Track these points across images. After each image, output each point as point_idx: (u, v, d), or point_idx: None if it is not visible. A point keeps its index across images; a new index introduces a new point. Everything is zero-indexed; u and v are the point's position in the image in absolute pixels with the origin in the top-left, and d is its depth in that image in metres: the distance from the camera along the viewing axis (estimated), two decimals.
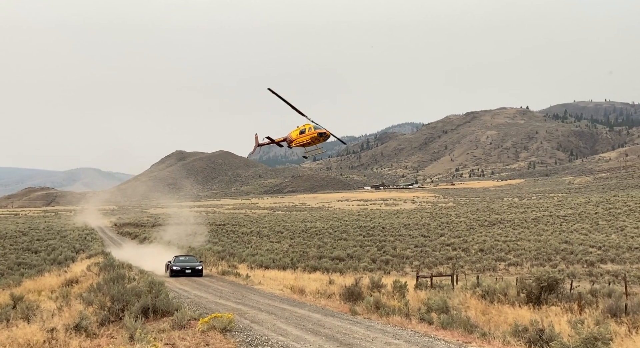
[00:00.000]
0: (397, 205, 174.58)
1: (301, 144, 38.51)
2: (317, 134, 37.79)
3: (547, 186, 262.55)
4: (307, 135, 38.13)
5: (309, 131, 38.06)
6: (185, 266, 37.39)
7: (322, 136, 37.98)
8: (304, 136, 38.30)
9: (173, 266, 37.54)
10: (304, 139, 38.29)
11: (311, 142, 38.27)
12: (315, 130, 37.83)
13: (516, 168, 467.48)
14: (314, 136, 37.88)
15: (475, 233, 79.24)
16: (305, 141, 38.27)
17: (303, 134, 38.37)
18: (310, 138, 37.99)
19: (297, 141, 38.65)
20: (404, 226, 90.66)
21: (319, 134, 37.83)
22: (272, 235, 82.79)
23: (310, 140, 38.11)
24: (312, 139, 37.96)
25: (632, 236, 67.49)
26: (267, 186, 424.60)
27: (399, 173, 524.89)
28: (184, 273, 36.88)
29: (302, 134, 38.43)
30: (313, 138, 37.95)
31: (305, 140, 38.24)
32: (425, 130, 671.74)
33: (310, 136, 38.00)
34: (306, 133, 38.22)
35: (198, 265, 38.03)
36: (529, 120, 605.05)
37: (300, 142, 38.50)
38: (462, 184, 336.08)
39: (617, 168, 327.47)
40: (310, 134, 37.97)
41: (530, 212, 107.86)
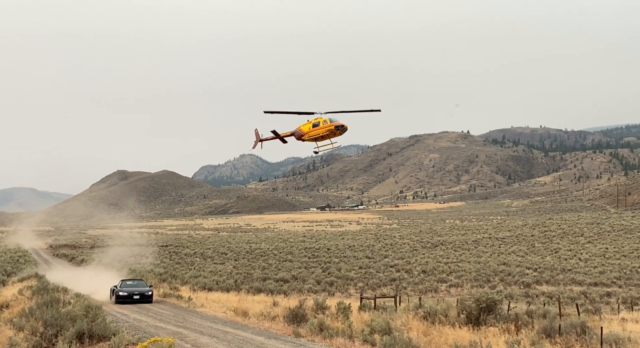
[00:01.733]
0: (343, 226, 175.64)
1: (314, 137, 36.18)
2: (334, 126, 35.64)
3: (486, 209, 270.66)
4: (322, 128, 35.85)
5: (323, 124, 35.85)
6: (133, 292, 34.43)
7: (339, 129, 35.80)
8: (318, 129, 36.01)
9: (119, 292, 34.54)
10: (319, 132, 35.96)
11: (326, 135, 35.97)
12: (331, 123, 35.67)
13: (458, 191, 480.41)
14: (331, 128, 35.72)
15: (418, 254, 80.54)
16: (319, 135, 35.96)
17: (317, 127, 36.06)
18: (327, 131, 35.74)
19: (309, 135, 36.16)
20: (349, 247, 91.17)
21: (336, 127, 35.67)
22: (216, 257, 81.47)
23: (327, 133, 35.82)
24: (329, 132, 35.74)
25: (566, 258, 70.30)
26: (211, 206, 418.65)
27: (345, 195, 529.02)
28: (131, 299, 33.88)
29: (315, 127, 36.13)
30: (329, 130, 35.73)
31: (320, 133, 35.92)
32: (370, 152, 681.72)
33: (326, 129, 35.74)
34: (321, 126, 35.93)
35: (148, 290, 35.12)
36: (470, 144, 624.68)
37: (313, 135, 36.09)
38: (405, 206, 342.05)
39: (552, 192, 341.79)
40: (326, 127, 35.76)
41: (471, 234, 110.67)
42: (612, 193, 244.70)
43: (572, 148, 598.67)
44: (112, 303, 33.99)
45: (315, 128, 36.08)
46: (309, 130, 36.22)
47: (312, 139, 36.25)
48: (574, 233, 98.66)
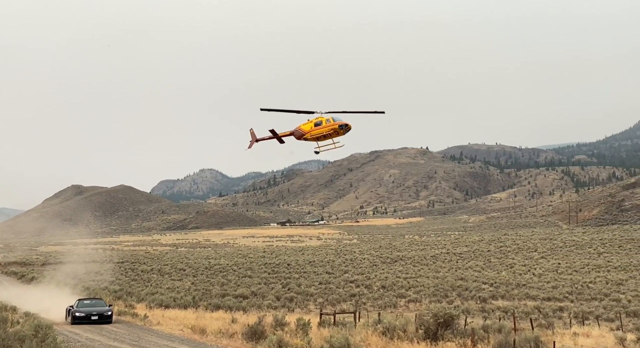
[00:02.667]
0: (303, 242, 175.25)
1: (316, 137, 35.19)
2: (337, 126, 34.73)
3: (445, 224, 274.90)
4: (325, 127, 34.89)
5: (326, 123, 34.89)
6: (91, 312, 32.44)
7: (342, 129, 34.88)
8: (321, 128, 35.02)
9: (76, 312, 32.52)
10: (322, 132, 34.98)
11: (329, 135, 35.08)
12: (335, 122, 34.77)
13: (417, 206, 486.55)
14: (334, 128, 34.76)
15: (378, 269, 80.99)
16: (322, 134, 34.99)
17: (319, 126, 35.07)
18: (330, 130, 34.79)
19: (312, 134, 35.13)
20: (309, 263, 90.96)
21: (340, 126, 34.76)
22: (173, 273, 79.97)
23: (330, 132, 34.89)
24: (332, 131, 34.78)
25: (520, 273, 71.91)
26: (170, 222, 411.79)
27: (305, 210, 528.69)
28: (89, 320, 31.96)
29: (317, 126, 35.15)
30: (333, 130, 34.77)
31: (323, 132, 34.96)
32: (331, 167, 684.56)
33: (329, 128, 34.78)
34: (323, 125, 34.97)
35: (107, 310, 33.19)
36: (429, 160, 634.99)
37: (315, 134, 35.10)
38: (366, 222, 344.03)
39: (507, 208, 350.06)
40: (330, 126, 34.78)
41: (430, 249, 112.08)
42: (564, 209, 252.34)
43: (527, 165, 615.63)
44: (68, 324, 32.27)
45: (317, 127, 35.29)
46: (311, 129, 35.41)
47: (314, 138, 35.43)
48: (528, 249, 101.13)
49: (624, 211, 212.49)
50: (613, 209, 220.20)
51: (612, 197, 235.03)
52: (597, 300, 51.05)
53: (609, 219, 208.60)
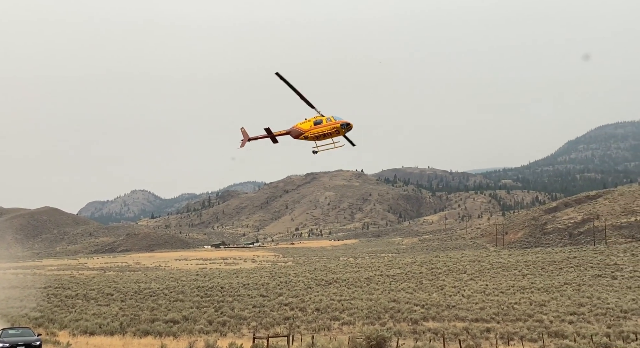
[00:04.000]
0: (237, 264, 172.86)
1: (316, 135, 34.17)
2: (339, 125, 33.80)
3: (379, 246, 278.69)
4: (326, 126, 33.87)
5: (327, 122, 33.92)
6: (17, 342, 30.64)
7: (344, 128, 33.92)
8: (322, 127, 33.98)
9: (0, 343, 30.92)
10: (323, 130, 33.99)
11: (330, 134, 34.14)
12: (337, 121, 33.89)
13: (352, 228, 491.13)
14: (336, 127, 33.77)
15: (313, 292, 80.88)
16: (323, 132, 34.00)
17: (320, 125, 34.05)
18: (332, 129, 33.81)
19: (312, 133, 34.09)
20: (243, 285, 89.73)
21: (342, 125, 33.83)
22: (100, 298, 76.75)
23: (331, 131, 33.94)
24: (333, 130, 33.82)
25: (450, 294, 73.72)
26: (98, 244, 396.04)
27: (240, 232, 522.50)
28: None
29: (318, 125, 34.12)
30: (334, 129, 33.77)
31: (324, 131, 33.97)
32: (267, 189, 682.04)
33: (331, 127, 33.76)
34: (324, 124, 33.95)
35: (35, 340, 31.31)
36: (364, 183, 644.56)
37: (315, 133, 34.06)
38: (301, 244, 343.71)
39: (439, 230, 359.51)
40: (332, 125, 33.78)
41: (364, 271, 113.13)
42: (492, 232, 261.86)
43: (457, 189, 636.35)
44: None
45: (317, 126, 34.46)
46: (310, 128, 34.58)
47: (314, 137, 34.56)
48: (458, 270, 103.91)
49: (546, 234, 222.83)
50: (536, 232, 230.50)
51: (536, 220, 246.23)
52: (522, 321, 53.01)
53: (533, 241, 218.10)
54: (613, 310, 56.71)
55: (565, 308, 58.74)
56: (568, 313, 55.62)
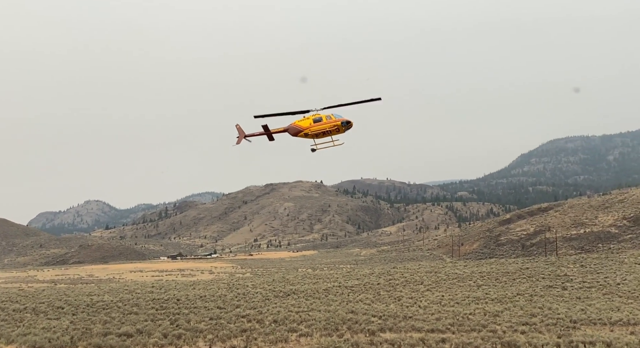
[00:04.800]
0: (194, 276, 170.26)
1: (316, 133, 33.71)
2: (340, 123, 33.58)
3: (337, 258, 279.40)
4: (326, 123, 33.57)
5: (327, 120, 33.62)
6: None
7: (345, 126, 33.58)
8: (322, 125, 33.68)
9: None
10: (324, 128, 33.68)
11: (329, 132, 33.82)
12: (337, 118, 33.60)
13: (311, 240, 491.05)
14: (337, 124, 33.53)
15: (271, 304, 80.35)
16: (324, 130, 33.63)
17: (319, 123, 33.72)
18: (332, 127, 33.51)
19: (311, 130, 33.66)
20: (200, 297, 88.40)
21: (343, 123, 33.57)
22: (50, 311, 74.21)
23: (331, 129, 33.62)
24: (334, 128, 33.54)
25: (408, 305, 74.45)
26: (49, 256, 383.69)
27: (198, 243, 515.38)
28: None
29: (317, 122, 33.73)
30: (335, 126, 33.49)
31: (325, 129, 33.64)
32: (225, 200, 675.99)
33: (331, 125, 33.48)
34: (324, 122, 33.69)
35: None
36: (323, 194, 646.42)
37: (315, 131, 33.66)
38: (259, 255, 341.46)
39: (397, 242, 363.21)
40: (332, 123, 33.50)
41: (322, 283, 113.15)
42: (448, 243, 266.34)
43: (415, 200, 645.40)
44: None
45: (317, 124, 34.12)
46: (310, 125, 34.17)
47: (313, 135, 34.11)
48: (415, 281, 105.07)
49: (500, 246, 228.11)
50: (491, 243, 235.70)
51: (490, 232, 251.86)
52: (476, 331, 53.92)
53: (487, 253, 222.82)
54: (563, 320, 58.32)
55: (517, 319, 60.08)
56: (520, 324, 56.91)
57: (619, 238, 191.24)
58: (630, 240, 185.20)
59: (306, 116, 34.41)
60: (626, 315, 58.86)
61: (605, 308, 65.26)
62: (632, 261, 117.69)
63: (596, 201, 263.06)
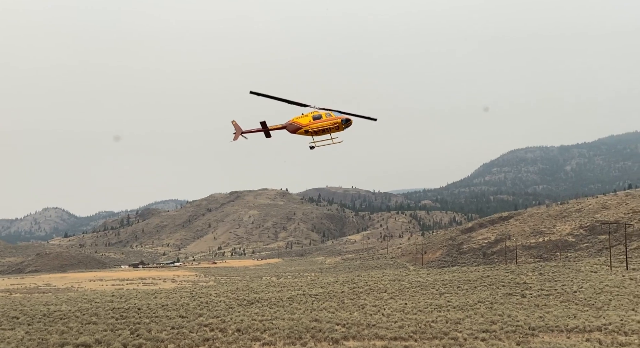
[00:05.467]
0: (156, 284, 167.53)
1: (315, 131, 33.35)
2: (340, 120, 33.22)
3: (302, 266, 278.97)
4: (326, 121, 33.20)
5: (327, 117, 33.24)
6: None
7: (344, 124, 33.34)
8: (323, 122, 33.30)
9: None
10: (324, 125, 33.33)
11: (329, 130, 33.42)
12: (337, 116, 33.27)
13: (275, 248, 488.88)
14: (337, 122, 33.18)
15: (234, 312, 79.63)
16: (324, 127, 33.27)
17: (319, 120, 33.31)
18: (332, 124, 33.18)
19: (312, 127, 33.22)
20: (162, 306, 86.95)
21: (343, 120, 33.27)
22: (4, 322, 71.84)
23: (331, 127, 33.25)
24: (334, 125, 33.21)
25: (371, 313, 74.81)
26: (4, 265, 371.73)
27: (161, 251, 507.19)
28: None
29: (317, 120, 33.31)
30: (335, 124, 33.15)
31: (325, 126, 33.28)
32: (189, 207, 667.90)
33: (332, 122, 33.17)
34: (324, 119, 33.27)
35: None
36: (288, 202, 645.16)
37: (315, 128, 33.27)
38: (223, 263, 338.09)
39: (361, 250, 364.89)
40: (332, 120, 33.17)
41: (286, 291, 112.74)
42: (412, 251, 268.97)
43: (379, 208, 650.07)
44: None
45: (317, 121, 33.82)
46: (310, 122, 33.83)
47: (314, 131, 33.82)
48: (378, 289, 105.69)
49: (463, 254, 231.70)
50: (453, 251, 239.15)
51: (453, 240, 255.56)
52: (438, 339, 54.59)
53: (450, 261, 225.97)
54: (522, 327, 59.55)
55: (478, 326, 61.08)
56: (481, 331, 57.88)
57: (575, 247, 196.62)
58: (586, 249, 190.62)
59: (304, 113, 34.42)
60: (582, 322, 60.53)
61: (563, 316, 66.96)
62: (587, 269, 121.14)
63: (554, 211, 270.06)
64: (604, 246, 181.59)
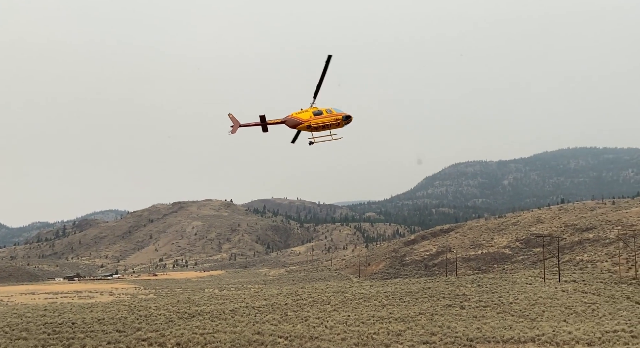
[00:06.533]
0: (93, 298, 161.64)
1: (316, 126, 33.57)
2: (341, 117, 33.79)
3: (245, 278, 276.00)
4: (327, 117, 33.53)
5: (328, 113, 33.53)
6: None
7: (346, 120, 34.02)
8: (324, 118, 33.57)
9: None
10: (326, 121, 33.63)
11: (330, 125, 33.80)
12: (338, 112, 33.72)
13: (219, 259, 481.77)
14: (338, 118, 33.70)
15: (174, 326, 77.84)
16: (326, 123, 33.58)
17: (320, 116, 33.50)
18: (334, 120, 33.63)
19: (313, 123, 33.41)
20: (98, 320, 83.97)
21: (344, 117, 33.87)
22: None
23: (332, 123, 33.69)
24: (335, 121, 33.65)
25: (314, 325, 74.83)
26: None
27: (98, 263, 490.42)
28: None
29: (318, 115, 33.48)
30: (336, 120, 33.62)
31: (326, 122, 33.59)
32: (130, 218, 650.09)
33: (333, 118, 33.62)
34: (325, 115, 33.54)
35: None
36: (233, 213, 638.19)
37: (317, 124, 33.49)
38: (165, 275, 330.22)
39: (306, 261, 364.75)
40: (334, 116, 33.59)
41: (229, 303, 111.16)
42: (355, 263, 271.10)
43: (324, 220, 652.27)
44: None
45: (318, 117, 34.09)
46: (311, 118, 34.01)
47: (315, 127, 34.09)
48: (322, 301, 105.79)
49: (405, 266, 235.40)
50: (396, 263, 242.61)
51: (396, 252, 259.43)
52: None
53: (393, 272, 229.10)
54: (460, 338, 61.02)
55: (419, 337, 62.14)
56: (421, 342, 58.92)
57: (512, 259, 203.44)
58: (522, 261, 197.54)
59: (303, 109, 34.76)
60: (517, 333, 62.59)
61: (499, 327, 69.02)
62: (523, 281, 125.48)
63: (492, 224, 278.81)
64: (538, 258, 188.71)
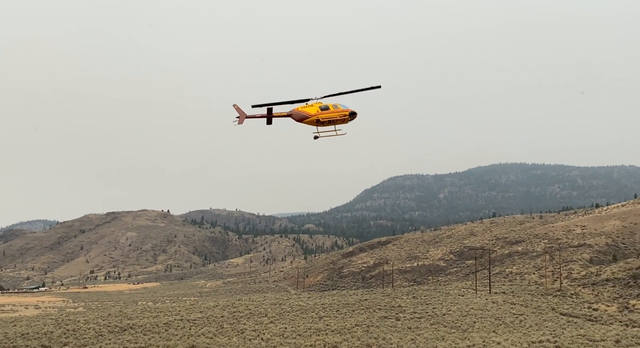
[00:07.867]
0: (17, 312, 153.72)
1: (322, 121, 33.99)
2: (348, 113, 34.37)
3: (181, 290, 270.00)
4: (334, 112, 34.08)
5: (334, 109, 34.03)
6: None
7: (352, 116, 34.70)
8: (331, 113, 34.15)
9: None
10: (333, 116, 34.19)
11: (336, 121, 34.36)
12: (344, 108, 34.20)
13: (154, 271, 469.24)
14: (345, 114, 34.34)
15: (104, 340, 75.21)
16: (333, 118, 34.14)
17: (327, 111, 33.99)
18: (341, 116, 34.29)
19: (320, 118, 33.82)
20: (22, 335, 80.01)
21: (350, 113, 34.48)
22: None
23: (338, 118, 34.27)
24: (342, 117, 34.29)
25: (250, 338, 74.14)
26: None
27: (24, 275, 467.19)
28: None
29: (325, 110, 33.93)
30: (343, 116, 34.27)
31: (334, 117, 34.16)
32: (59, 228, 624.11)
33: (340, 113, 34.21)
34: (331, 110, 34.08)
35: None
36: (170, 224, 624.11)
37: (325, 119, 33.92)
38: (96, 288, 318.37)
39: (243, 273, 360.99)
40: (341, 112, 34.15)
41: (163, 316, 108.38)
42: (294, 275, 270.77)
43: (263, 232, 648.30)
44: None
45: (325, 111, 34.36)
46: (318, 113, 34.24)
47: (322, 122, 34.28)
48: (259, 314, 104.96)
49: (343, 277, 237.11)
50: (334, 275, 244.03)
51: (334, 264, 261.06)
52: None
53: (331, 284, 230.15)
54: None
55: None
56: None
57: (446, 271, 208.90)
58: (455, 273, 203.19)
59: (309, 103, 35.04)
60: (449, 344, 64.28)
61: (432, 338, 70.66)
62: (456, 293, 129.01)
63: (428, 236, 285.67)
64: (470, 270, 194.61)
